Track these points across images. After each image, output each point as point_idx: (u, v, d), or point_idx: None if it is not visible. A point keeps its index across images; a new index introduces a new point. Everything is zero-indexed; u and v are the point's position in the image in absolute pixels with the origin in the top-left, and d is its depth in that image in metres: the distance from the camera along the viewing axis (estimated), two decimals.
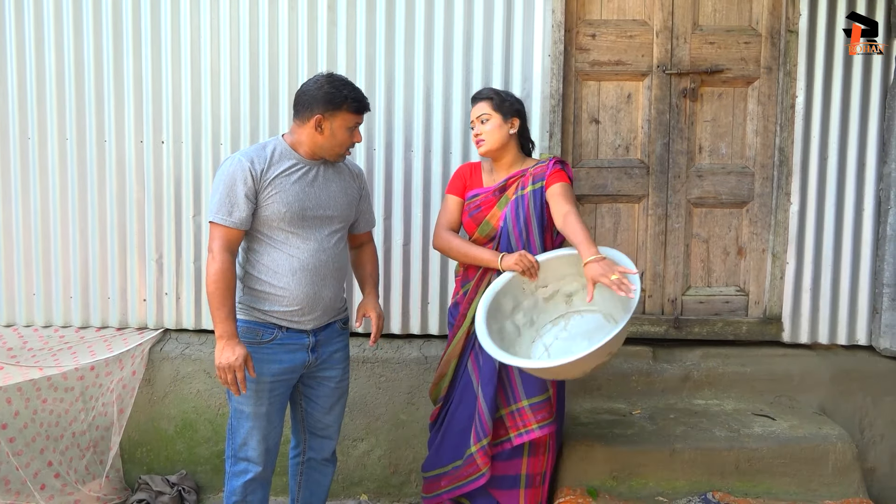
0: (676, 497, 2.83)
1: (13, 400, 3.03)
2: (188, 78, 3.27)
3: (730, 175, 3.36)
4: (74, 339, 3.31)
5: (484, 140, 2.64)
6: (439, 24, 3.24)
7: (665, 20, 3.30)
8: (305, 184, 2.40)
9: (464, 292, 2.71)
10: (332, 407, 2.61)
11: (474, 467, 2.64)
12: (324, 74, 2.41)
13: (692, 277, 3.42)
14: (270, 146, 2.40)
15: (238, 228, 2.32)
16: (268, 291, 2.38)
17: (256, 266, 2.39)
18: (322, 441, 2.65)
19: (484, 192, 2.68)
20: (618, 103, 3.35)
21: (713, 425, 3.02)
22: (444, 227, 2.74)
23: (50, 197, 3.33)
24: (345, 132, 2.40)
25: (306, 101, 2.38)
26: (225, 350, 2.27)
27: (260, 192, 2.33)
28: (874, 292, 3.34)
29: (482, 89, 2.73)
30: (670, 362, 3.35)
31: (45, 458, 3.08)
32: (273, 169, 2.35)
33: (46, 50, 3.28)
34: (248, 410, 2.41)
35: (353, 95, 2.38)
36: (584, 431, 2.98)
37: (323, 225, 2.43)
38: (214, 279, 2.28)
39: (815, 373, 3.29)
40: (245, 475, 2.44)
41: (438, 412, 2.80)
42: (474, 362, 2.67)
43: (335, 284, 2.48)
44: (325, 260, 2.42)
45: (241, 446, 2.44)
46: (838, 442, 2.90)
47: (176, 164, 3.31)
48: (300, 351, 2.44)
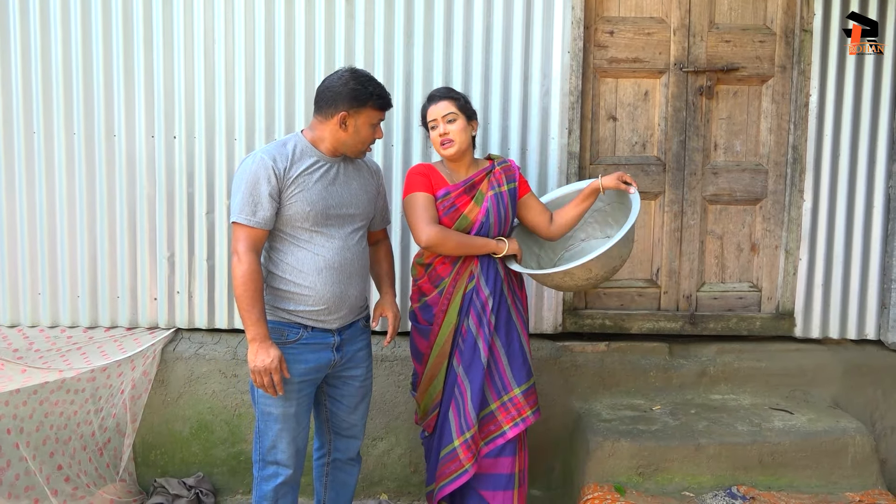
0: (702, 492, 2.86)
1: (27, 402, 2.93)
2: (202, 71, 3.19)
3: (744, 172, 3.40)
4: (83, 340, 3.22)
5: (453, 141, 2.58)
6: (458, 19, 3.21)
7: (682, 18, 3.31)
8: (328, 182, 2.37)
9: (439, 291, 2.64)
10: (356, 406, 2.59)
11: (457, 463, 2.57)
12: (347, 69, 2.38)
13: (706, 274, 3.46)
14: (291, 143, 2.36)
15: (262, 228, 2.28)
16: (293, 291, 2.35)
17: (280, 265, 2.35)
18: (348, 441, 2.62)
19: (455, 190, 2.62)
20: (635, 100, 3.36)
21: (734, 420, 3.06)
22: (429, 221, 2.57)
23: (56, 193, 3.23)
24: (368, 129, 2.38)
25: (330, 98, 2.34)
26: (259, 352, 2.23)
27: (283, 190, 2.29)
28: (883, 287, 3.41)
29: (441, 88, 2.72)
30: (686, 358, 3.38)
31: (54, 461, 2.98)
32: (295, 167, 2.31)
33: (52, 41, 3.17)
34: (276, 412, 2.37)
35: (378, 92, 2.36)
36: (608, 428, 2.99)
37: (346, 223, 2.40)
38: (243, 281, 2.23)
39: (827, 367, 3.35)
40: (276, 479, 2.40)
41: (434, 421, 2.69)
42: (458, 357, 2.63)
43: (360, 283, 2.46)
44: (349, 258, 2.40)
45: (270, 449, 2.40)
46: (857, 435, 2.96)
47: (189, 159, 3.23)
48: (325, 350, 2.41)
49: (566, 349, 3.30)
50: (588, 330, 3.39)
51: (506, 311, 2.66)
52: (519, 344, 2.67)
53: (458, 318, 2.62)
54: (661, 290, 3.43)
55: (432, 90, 2.73)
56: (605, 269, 2.57)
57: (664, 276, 3.42)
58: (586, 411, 3.16)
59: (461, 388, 2.61)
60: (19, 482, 2.85)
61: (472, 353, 2.60)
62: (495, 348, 2.63)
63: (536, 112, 3.25)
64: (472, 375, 2.59)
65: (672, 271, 3.42)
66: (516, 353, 2.65)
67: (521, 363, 2.65)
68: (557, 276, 2.58)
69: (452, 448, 2.59)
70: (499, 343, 2.63)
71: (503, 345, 2.64)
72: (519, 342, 2.67)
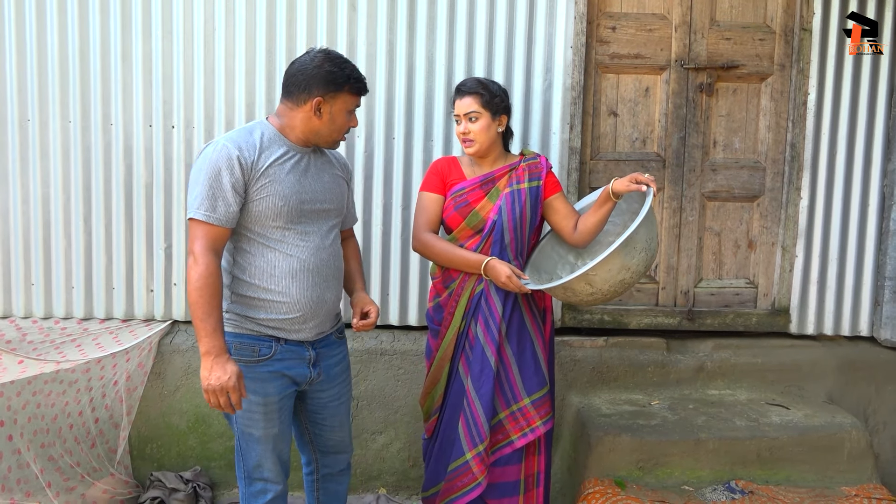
0: (701, 486, 2.89)
1: (21, 393, 2.88)
2: (201, 61, 3.15)
3: (742, 169, 3.42)
4: (77, 332, 3.17)
5: (473, 141, 2.52)
6: (462, 12, 3.19)
7: (684, 15, 3.33)
8: (299, 174, 2.15)
9: (449, 293, 2.60)
10: (340, 424, 2.42)
11: (470, 476, 2.51)
12: (320, 50, 2.15)
13: (704, 270, 3.48)
14: (258, 131, 2.13)
15: (224, 226, 2.04)
16: (262, 297, 2.12)
17: (248, 270, 2.12)
18: (335, 456, 2.47)
19: (470, 185, 2.57)
20: (636, 96, 3.37)
21: (732, 415, 3.09)
22: (424, 228, 2.57)
23: (52, 182, 3.17)
24: (344, 116, 2.18)
25: (302, 81, 2.11)
26: (214, 368, 1.96)
27: (250, 184, 2.06)
28: (876, 285, 3.45)
29: (468, 80, 2.57)
30: (684, 353, 3.40)
31: (47, 453, 2.94)
32: (264, 157, 2.09)
33: (49, 27, 3.11)
34: (258, 434, 2.17)
35: (356, 75, 2.17)
36: (608, 423, 3.00)
37: (320, 219, 2.20)
38: (198, 286, 1.97)
39: (821, 363, 3.39)
40: (265, 495, 2.24)
41: (435, 424, 2.67)
42: (465, 365, 2.58)
43: (336, 286, 2.27)
44: (325, 259, 2.19)
45: (256, 468, 2.22)
46: (852, 430, 3.00)
47: (187, 149, 3.19)
48: (301, 366, 2.21)
49: (565, 344, 3.31)
50: (587, 325, 3.40)
51: (518, 318, 2.57)
52: (532, 352, 2.58)
53: (464, 321, 2.57)
54: (660, 285, 3.45)
55: (461, 81, 2.62)
56: (609, 284, 2.32)
57: (662, 272, 3.44)
58: (586, 406, 3.17)
59: (469, 400, 2.53)
60: (11, 475, 2.81)
61: (481, 362, 2.52)
62: (505, 356, 2.55)
63: (538, 107, 3.25)
64: (482, 387, 2.51)
65: (670, 267, 3.44)
66: (528, 362, 2.56)
67: (533, 372, 2.57)
68: (558, 291, 2.40)
69: (465, 461, 2.51)
70: (509, 351, 2.56)
71: (514, 353, 2.56)
72: (532, 350, 2.58)
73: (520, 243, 2.57)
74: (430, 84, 3.22)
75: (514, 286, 2.43)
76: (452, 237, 2.59)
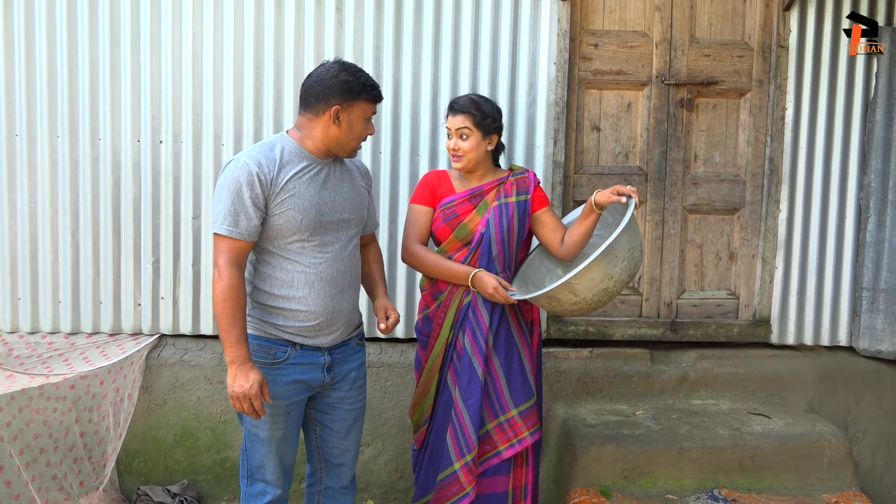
0: (685, 494, 2.93)
1: (4, 408, 2.87)
2: (189, 75, 3.18)
3: (723, 183, 3.49)
4: (64, 346, 3.18)
5: (462, 157, 2.57)
6: (447, 29, 3.25)
7: (664, 32, 3.40)
8: (318, 186, 2.21)
9: (437, 304, 2.64)
10: (348, 431, 2.43)
11: (458, 486, 2.53)
12: (335, 61, 2.23)
13: (686, 281, 3.54)
14: (278, 146, 2.19)
15: (246, 240, 2.12)
16: (281, 306, 2.20)
17: (268, 280, 2.21)
18: (339, 469, 2.46)
19: (459, 198, 2.62)
20: (618, 112, 3.44)
21: (715, 425, 3.13)
22: (413, 239, 2.61)
23: (39, 197, 3.19)
24: (362, 123, 2.24)
25: (320, 91, 2.17)
26: (238, 377, 2.08)
27: (270, 198, 2.13)
28: (854, 296, 3.52)
29: (461, 98, 2.61)
30: (667, 364, 3.45)
31: (30, 471, 2.92)
32: (284, 172, 2.15)
33: (37, 41, 3.14)
34: (263, 435, 2.24)
35: (371, 83, 2.23)
36: (593, 433, 3.04)
37: (340, 230, 2.26)
38: (222, 298, 2.07)
39: (802, 373, 3.45)
40: (263, 497, 2.29)
41: (424, 435, 2.69)
42: (453, 375, 2.61)
43: (353, 295, 2.33)
44: (342, 269, 2.26)
45: (258, 468, 2.28)
46: (832, 438, 3.05)
47: (175, 164, 3.21)
48: (315, 370, 2.27)
49: (551, 355, 3.35)
50: (572, 336, 3.45)
51: (506, 330, 2.60)
52: (519, 364, 2.61)
53: (452, 332, 2.60)
54: (643, 297, 3.51)
55: (455, 97, 2.67)
56: (592, 293, 2.35)
57: (646, 284, 3.50)
58: (571, 416, 3.21)
59: (457, 410, 2.56)
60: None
61: (469, 373, 2.55)
62: (493, 367, 2.58)
63: (523, 122, 3.30)
64: (470, 398, 2.53)
65: (653, 279, 3.49)
66: (515, 373, 2.59)
67: (521, 383, 2.60)
68: (542, 300, 2.42)
69: (453, 471, 2.53)
70: (497, 362, 2.58)
71: (502, 364, 2.59)
72: (519, 362, 2.61)
73: (507, 256, 2.61)
74: (416, 99, 3.26)
75: (501, 297, 2.48)
76: (441, 249, 2.63)
